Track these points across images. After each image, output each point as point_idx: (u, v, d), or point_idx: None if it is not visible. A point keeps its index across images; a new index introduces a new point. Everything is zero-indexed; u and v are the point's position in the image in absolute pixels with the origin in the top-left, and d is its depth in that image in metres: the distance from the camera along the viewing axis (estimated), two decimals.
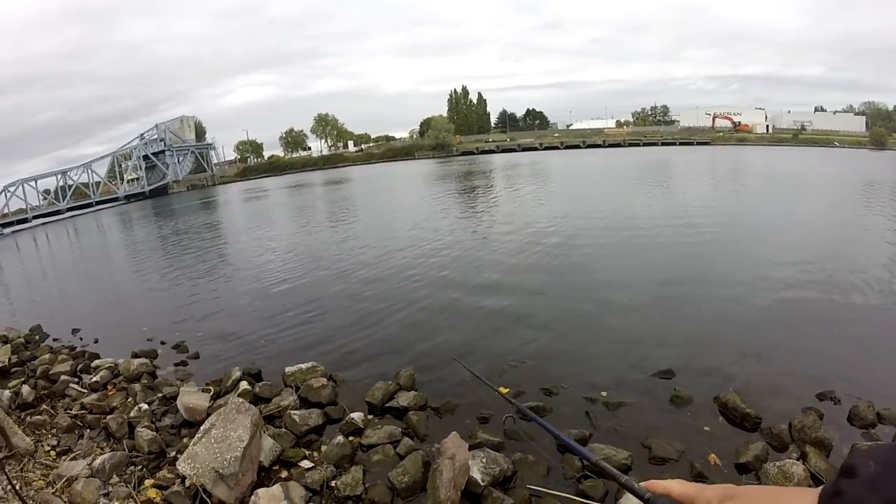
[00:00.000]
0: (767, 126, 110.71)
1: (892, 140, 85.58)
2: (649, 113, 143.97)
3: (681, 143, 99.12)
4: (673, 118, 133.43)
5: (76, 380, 9.21)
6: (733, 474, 5.13)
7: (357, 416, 6.60)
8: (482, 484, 5.00)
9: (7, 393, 8.57)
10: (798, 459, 5.10)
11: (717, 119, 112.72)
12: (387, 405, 7.03)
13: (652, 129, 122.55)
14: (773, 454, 5.36)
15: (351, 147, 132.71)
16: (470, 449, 5.31)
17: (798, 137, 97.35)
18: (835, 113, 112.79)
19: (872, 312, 9.32)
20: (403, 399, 7.00)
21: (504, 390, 7.18)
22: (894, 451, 0.80)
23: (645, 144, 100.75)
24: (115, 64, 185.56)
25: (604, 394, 6.89)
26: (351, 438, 6.20)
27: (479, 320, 10.20)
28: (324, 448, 6.06)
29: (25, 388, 8.67)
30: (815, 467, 4.94)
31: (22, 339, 12.06)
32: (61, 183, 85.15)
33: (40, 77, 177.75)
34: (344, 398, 7.40)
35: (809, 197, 25.28)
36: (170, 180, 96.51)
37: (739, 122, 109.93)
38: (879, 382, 6.71)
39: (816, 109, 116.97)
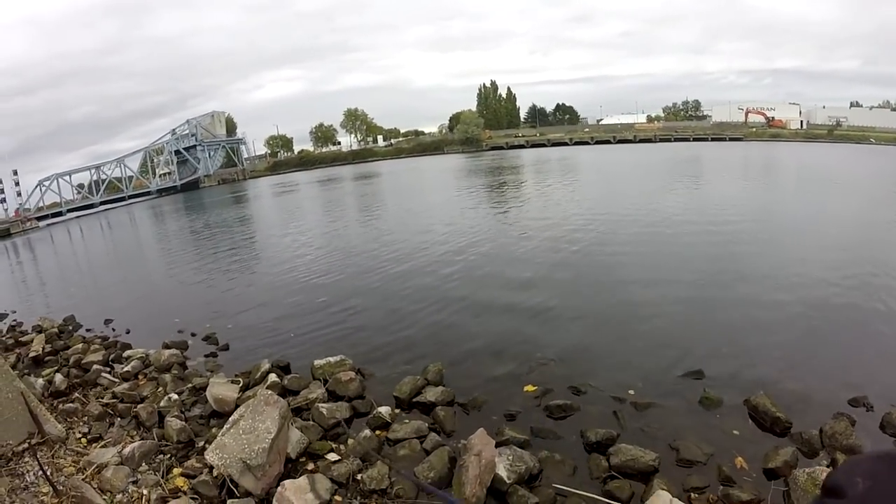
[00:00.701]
0: (802, 122, 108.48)
1: None
2: (681, 108, 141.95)
3: (713, 139, 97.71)
4: (705, 113, 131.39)
5: (108, 369, 9.38)
6: (762, 480, 5.05)
7: (384, 410, 6.62)
8: (508, 481, 4.99)
9: (41, 381, 8.75)
10: (828, 466, 5.00)
11: (749, 114, 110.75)
12: (414, 400, 7.05)
13: (683, 124, 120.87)
14: (803, 460, 5.26)
15: (380, 142, 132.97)
16: (496, 446, 5.29)
17: (833, 134, 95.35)
18: (871, 108, 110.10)
19: None
20: (431, 394, 7.00)
21: (531, 388, 7.17)
22: (878, 461, 0.78)
23: (676, 140, 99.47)
24: (148, 59, 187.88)
25: (632, 393, 6.82)
26: (378, 432, 6.22)
27: (508, 317, 10.14)
28: (350, 441, 6.07)
29: (59, 377, 8.86)
30: None
31: (56, 329, 12.32)
32: (95, 177, 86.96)
33: (75, 73, 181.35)
34: (371, 392, 7.43)
35: (845, 197, 24.64)
36: (201, 175, 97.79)
37: (773, 118, 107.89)
38: None
39: (852, 105, 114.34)
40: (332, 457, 5.77)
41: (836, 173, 36.71)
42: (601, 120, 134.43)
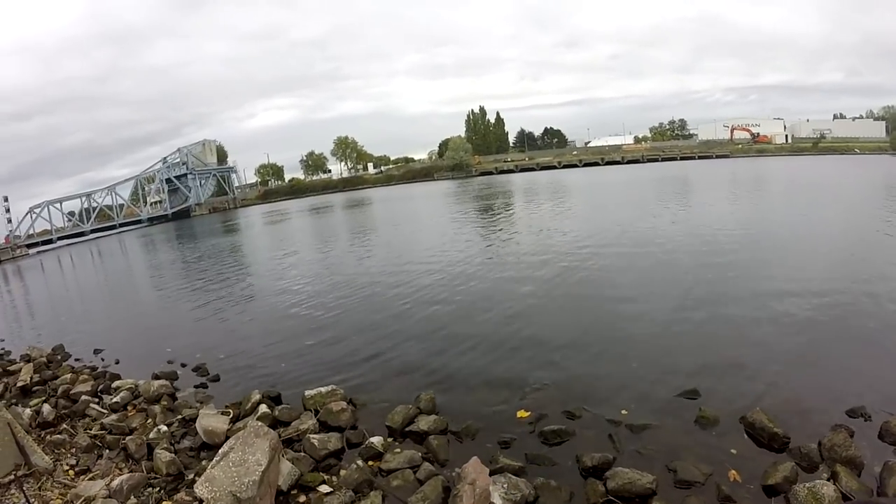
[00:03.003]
0: (787, 136, 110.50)
1: None
2: (667, 127, 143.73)
3: (700, 157, 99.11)
4: (691, 132, 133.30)
5: (97, 400, 9.28)
6: (762, 497, 4.99)
7: (377, 440, 6.53)
8: None
9: (28, 411, 8.68)
10: (828, 480, 4.93)
11: (735, 131, 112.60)
12: (407, 429, 6.93)
13: (670, 143, 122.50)
14: (803, 475, 5.20)
15: (370, 169, 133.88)
16: (491, 474, 5.21)
17: (818, 146, 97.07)
18: (854, 119, 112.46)
19: None
20: (423, 423, 6.90)
21: (524, 414, 7.08)
22: None
23: (664, 159, 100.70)
24: (142, 88, 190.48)
25: (627, 415, 6.75)
26: (370, 463, 6.13)
27: (499, 343, 10.03)
28: (343, 473, 5.98)
29: (46, 407, 8.77)
30: (847, 487, 4.77)
31: (44, 359, 12.21)
32: (86, 205, 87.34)
33: (69, 100, 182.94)
34: (363, 422, 7.34)
35: (833, 208, 24.79)
36: (192, 203, 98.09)
37: (758, 134, 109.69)
38: None
39: (835, 117, 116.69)
40: (324, 489, 5.68)
41: (822, 185, 37.06)
42: (589, 142, 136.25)
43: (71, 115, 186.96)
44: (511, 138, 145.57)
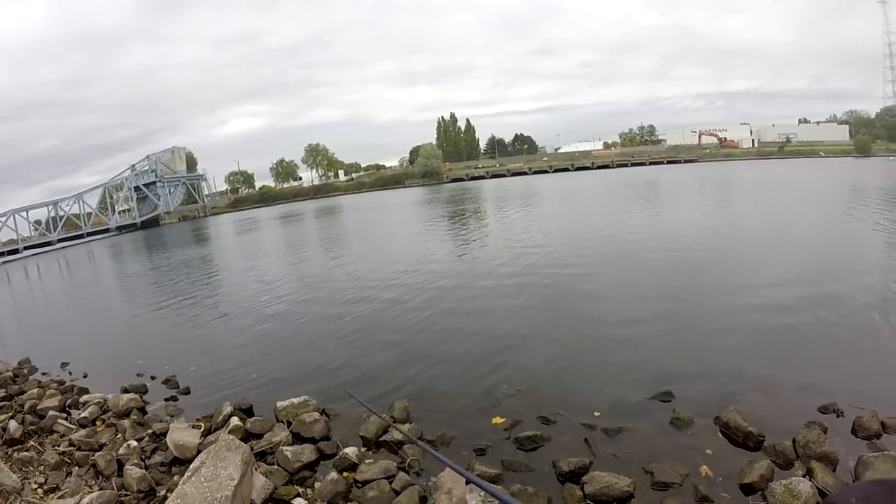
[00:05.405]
0: (753, 140, 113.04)
1: (877, 147, 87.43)
2: (636, 133, 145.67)
3: (668, 162, 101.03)
4: (660, 137, 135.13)
5: (65, 415, 9.05)
6: (739, 496, 5.03)
7: (351, 451, 6.45)
8: None
9: None
10: (804, 476, 4.99)
11: (703, 136, 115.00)
12: (381, 439, 6.86)
13: (640, 149, 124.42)
14: (779, 472, 5.25)
15: (342, 176, 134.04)
16: (467, 483, 5.18)
17: (784, 150, 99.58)
18: (819, 124, 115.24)
19: (870, 320, 9.27)
20: (398, 433, 6.84)
21: (499, 420, 7.07)
22: (873, 487, 0.89)
23: (633, 164, 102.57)
24: (114, 93, 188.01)
25: (603, 418, 6.77)
26: (345, 474, 6.03)
27: (472, 350, 10.02)
28: (317, 485, 5.90)
29: (13, 424, 8.54)
30: (823, 483, 4.82)
31: (10, 373, 11.92)
32: (52, 214, 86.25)
33: (38, 105, 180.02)
34: (337, 433, 7.24)
35: (799, 209, 25.31)
36: (161, 211, 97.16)
37: (725, 139, 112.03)
38: (882, 391, 6.65)
39: (801, 121, 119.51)
40: (299, 502, 5.59)
41: (788, 187, 37.92)
42: (559, 148, 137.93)
43: (40, 120, 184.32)
44: (482, 145, 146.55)
